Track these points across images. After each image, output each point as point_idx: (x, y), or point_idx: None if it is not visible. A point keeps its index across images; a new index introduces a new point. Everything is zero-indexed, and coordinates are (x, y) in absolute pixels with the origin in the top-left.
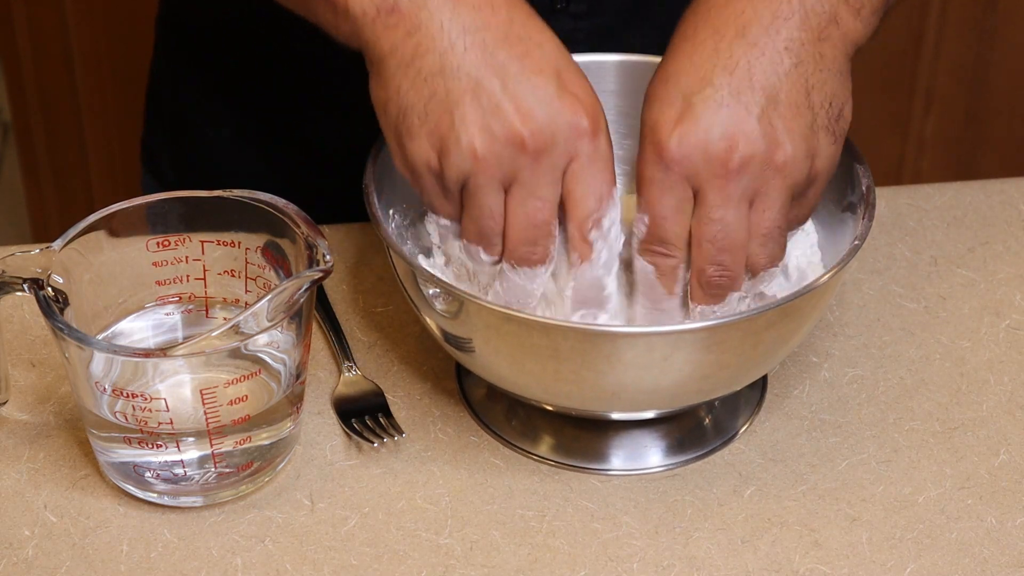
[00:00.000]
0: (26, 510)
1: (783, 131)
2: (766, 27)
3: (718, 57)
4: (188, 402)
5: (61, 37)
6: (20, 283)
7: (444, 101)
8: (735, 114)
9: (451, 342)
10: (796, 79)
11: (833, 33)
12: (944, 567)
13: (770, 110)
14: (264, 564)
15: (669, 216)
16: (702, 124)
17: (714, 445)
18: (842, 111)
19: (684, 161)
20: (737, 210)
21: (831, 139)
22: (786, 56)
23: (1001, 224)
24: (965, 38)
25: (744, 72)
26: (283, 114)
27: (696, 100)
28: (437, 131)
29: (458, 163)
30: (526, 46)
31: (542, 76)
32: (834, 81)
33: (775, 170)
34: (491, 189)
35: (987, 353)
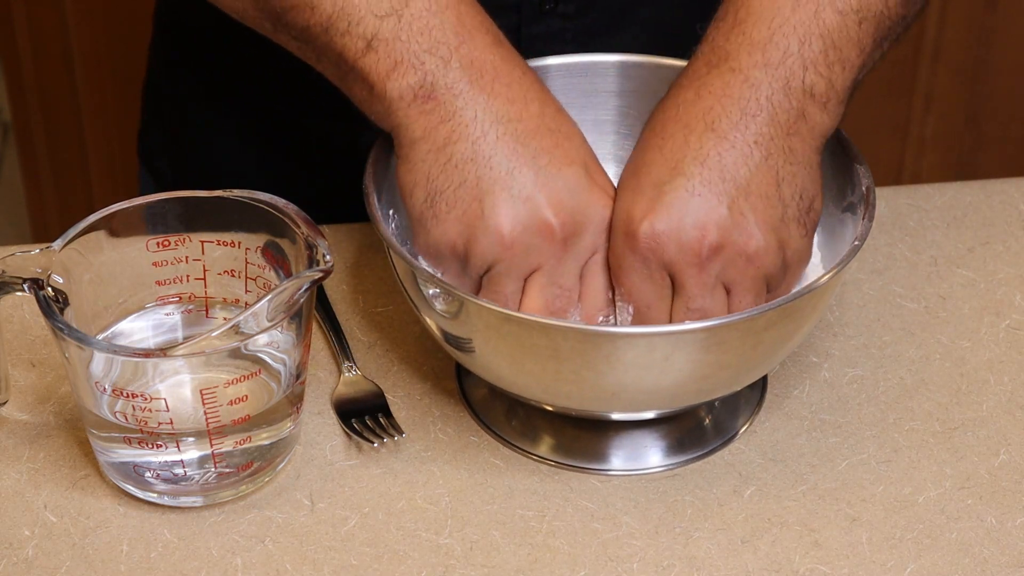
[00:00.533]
0: (26, 510)
1: (754, 222)
2: (735, 123)
3: (688, 149)
4: (188, 402)
5: (61, 37)
6: (20, 283)
7: (475, 188)
8: (707, 203)
9: (451, 342)
10: (767, 172)
11: (802, 128)
12: (944, 567)
13: (741, 201)
14: (264, 564)
15: (654, 305)
16: (674, 213)
17: (714, 445)
18: (812, 203)
19: (659, 250)
20: (713, 297)
21: (802, 231)
22: (756, 150)
23: (1001, 224)
24: (965, 38)
25: (715, 163)
26: (282, 113)
27: (667, 189)
28: (465, 218)
29: (485, 250)
30: (556, 138)
31: (572, 168)
32: (804, 174)
33: (747, 260)
34: (514, 278)
35: (987, 353)
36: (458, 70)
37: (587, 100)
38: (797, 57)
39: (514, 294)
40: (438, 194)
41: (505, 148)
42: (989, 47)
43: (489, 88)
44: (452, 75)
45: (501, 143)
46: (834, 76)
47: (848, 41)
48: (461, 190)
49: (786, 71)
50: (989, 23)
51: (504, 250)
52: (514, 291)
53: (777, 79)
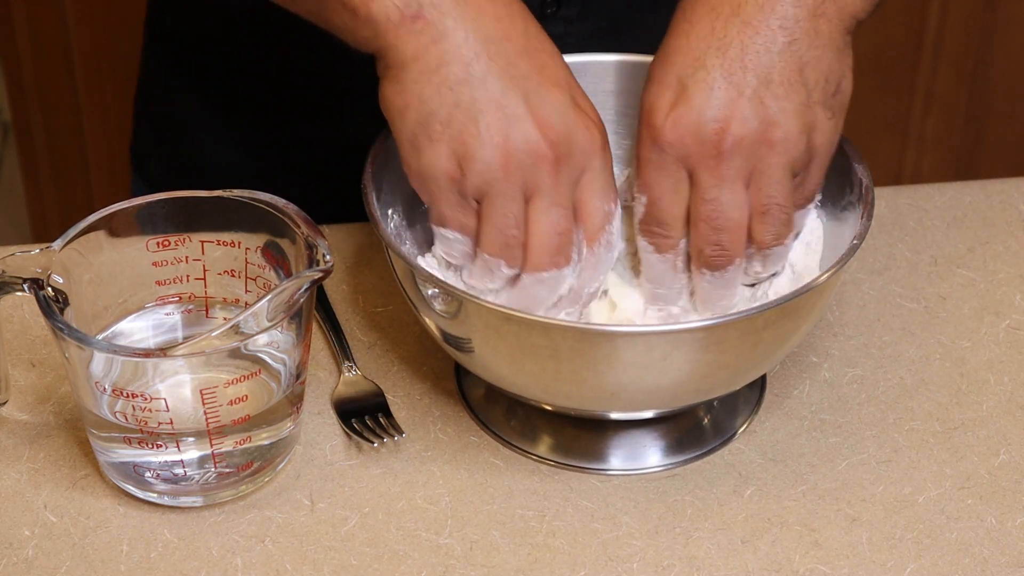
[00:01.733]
0: (26, 510)
1: (776, 110)
2: (760, 5)
3: (713, 37)
4: (188, 402)
5: (61, 37)
6: (20, 283)
7: (469, 109)
8: (727, 95)
9: (450, 342)
10: (790, 57)
11: (829, 9)
12: (944, 567)
13: (762, 90)
14: (264, 564)
15: (664, 197)
16: (694, 106)
17: (713, 445)
18: (839, 85)
19: (677, 144)
20: (731, 190)
21: (828, 113)
22: (780, 34)
23: (1001, 224)
24: (965, 38)
25: (737, 53)
26: (276, 116)
27: (689, 82)
28: (460, 138)
29: (482, 170)
30: (541, 57)
31: (558, 89)
32: (830, 56)
33: (769, 147)
34: (513, 197)
35: (987, 353)
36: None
37: None
38: None
39: (519, 216)
40: (431, 115)
41: (497, 69)
42: (989, 46)
43: (476, 4)
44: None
45: (493, 64)
46: None
47: None
48: (456, 111)
49: None
50: (989, 22)
51: (501, 169)
52: (518, 213)
53: None
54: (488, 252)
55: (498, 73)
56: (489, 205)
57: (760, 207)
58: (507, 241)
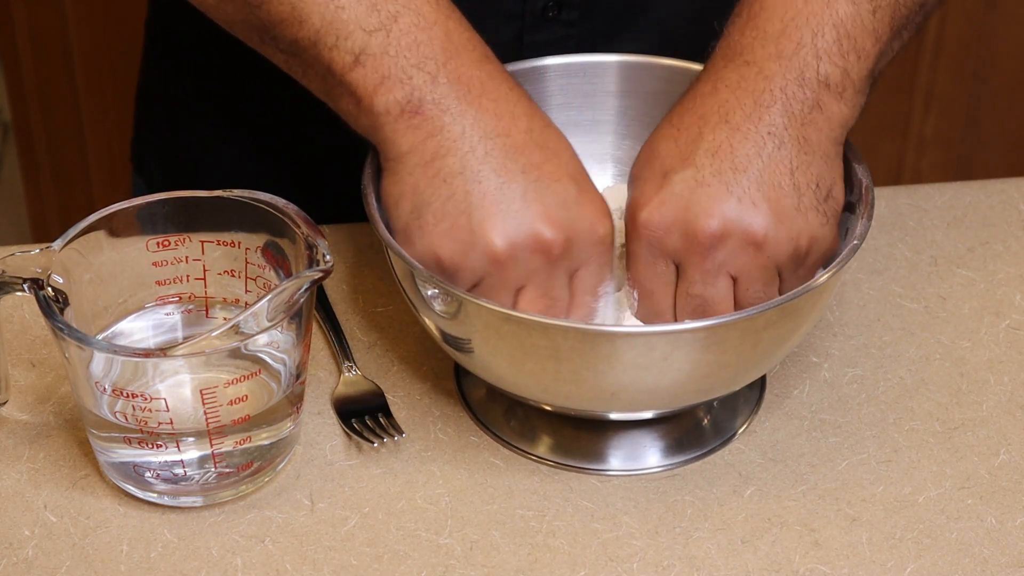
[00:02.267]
0: (26, 510)
1: (764, 211)
2: (748, 114)
3: (702, 141)
4: (188, 402)
5: (61, 37)
6: (20, 283)
7: (463, 202)
8: (715, 193)
9: (450, 343)
10: (779, 161)
11: (817, 118)
12: (944, 567)
13: (752, 190)
14: (264, 564)
15: (656, 290)
16: (681, 201)
17: (713, 445)
18: (830, 192)
19: (664, 238)
20: (715, 285)
21: (821, 219)
22: (768, 140)
23: (1001, 224)
24: (965, 37)
25: (727, 154)
26: (276, 117)
27: (676, 179)
28: (453, 232)
29: (475, 265)
30: (545, 154)
31: (561, 183)
32: (819, 163)
33: (756, 249)
34: (505, 291)
35: (987, 353)
36: (445, 85)
37: (586, 100)
38: (810, 48)
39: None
40: (425, 206)
41: (494, 162)
42: (989, 46)
43: (477, 103)
44: (440, 90)
45: (490, 158)
46: (849, 65)
47: (862, 30)
48: (449, 203)
49: (800, 62)
50: (989, 23)
51: (494, 264)
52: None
53: (791, 70)
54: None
55: (494, 167)
56: (477, 292)
57: (743, 296)
58: None
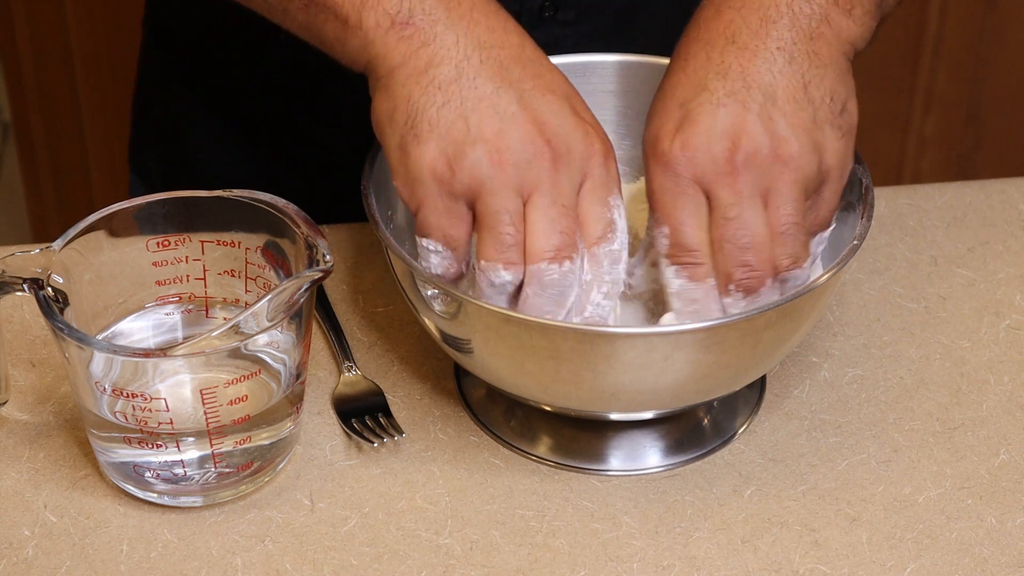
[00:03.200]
0: (26, 510)
1: (785, 125)
2: (755, 31)
3: (711, 65)
4: (188, 402)
5: (61, 37)
6: (20, 283)
7: (459, 107)
8: (734, 112)
9: (450, 343)
10: (791, 75)
11: (825, 32)
12: (944, 567)
13: (769, 106)
14: (264, 564)
15: (687, 221)
16: (702, 126)
17: (713, 445)
18: (845, 105)
19: (690, 164)
20: (751, 206)
21: (837, 133)
22: (778, 55)
23: (1001, 224)
24: (965, 38)
25: (738, 74)
26: (275, 117)
27: (692, 106)
28: (449, 135)
29: (472, 168)
30: (538, 68)
31: (555, 96)
32: (832, 76)
33: (782, 164)
34: (508, 195)
35: (987, 353)
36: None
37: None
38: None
39: (515, 214)
40: (419, 114)
41: (488, 70)
42: (989, 46)
43: (468, 15)
44: (429, 1)
45: (485, 66)
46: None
47: None
48: (445, 109)
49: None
50: (989, 23)
51: (494, 166)
52: (513, 210)
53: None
54: (484, 258)
55: (490, 74)
56: (482, 205)
57: (777, 228)
58: (503, 240)
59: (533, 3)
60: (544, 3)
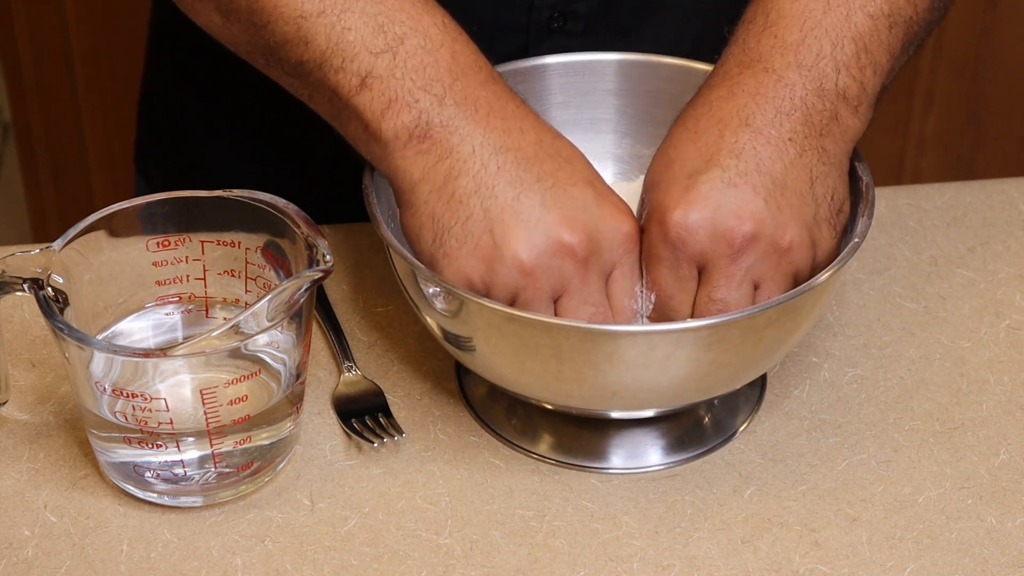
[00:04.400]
0: (26, 510)
1: (790, 216)
2: (770, 120)
3: (723, 142)
4: (188, 402)
5: (61, 37)
6: (20, 283)
7: (483, 220)
8: (743, 194)
9: (452, 341)
10: (801, 169)
11: (834, 129)
12: (944, 567)
13: (777, 195)
14: (264, 564)
15: (676, 297)
16: (710, 202)
17: (713, 444)
18: (842, 206)
19: (690, 239)
20: (740, 291)
21: (832, 233)
22: (790, 147)
23: (1001, 224)
24: (965, 38)
25: (751, 156)
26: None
27: (703, 179)
28: (478, 252)
29: (507, 281)
30: (557, 162)
31: (578, 187)
32: (835, 175)
33: (780, 255)
34: (541, 302)
35: (987, 353)
36: (452, 107)
37: (585, 99)
38: (830, 59)
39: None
40: (446, 232)
41: (507, 176)
42: (989, 47)
43: (484, 122)
44: (447, 112)
45: (503, 172)
46: (866, 79)
47: (879, 45)
48: (469, 223)
49: (819, 73)
50: (989, 23)
51: (525, 276)
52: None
53: (811, 80)
54: None
55: (509, 180)
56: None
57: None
58: None
59: (541, 15)
60: (552, 15)
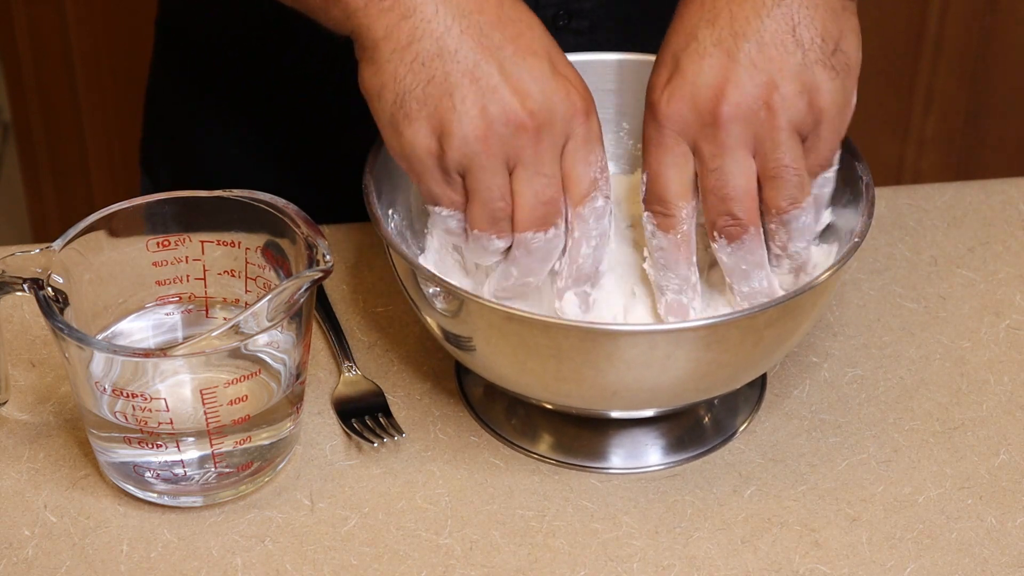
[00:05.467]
0: (26, 510)
1: (771, 71)
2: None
3: (703, 12)
4: (188, 402)
5: (61, 37)
6: (20, 283)
7: (443, 84)
8: (718, 62)
9: (451, 341)
10: (780, 19)
11: None
12: (944, 567)
13: (755, 53)
14: (264, 564)
15: (663, 172)
16: (688, 78)
17: (713, 443)
18: (839, 45)
19: (674, 117)
20: (734, 158)
21: (830, 73)
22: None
23: (1001, 224)
24: (965, 38)
25: (726, 21)
26: (282, 116)
27: (682, 56)
28: (437, 114)
29: (460, 145)
30: (518, 28)
31: (536, 58)
32: (824, 16)
33: (768, 111)
34: (495, 169)
35: (987, 353)
36: None
37: None
38: None
39: (502, 188)
40: (407, 93)
41: (470, 41)
42: (989, 46)
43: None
44: None
45: (465, 36)
46: None
47: None
48: (430, 87)
49: None
50: (989, 23)
51: (479, 142)
52: (501, 184)
53: None
54: (477, 228)
55: (471, 45)
56: (472, 179)
57: (769, 172)
58: (492, 214)
59: (546, 12)
60: (558, 12)
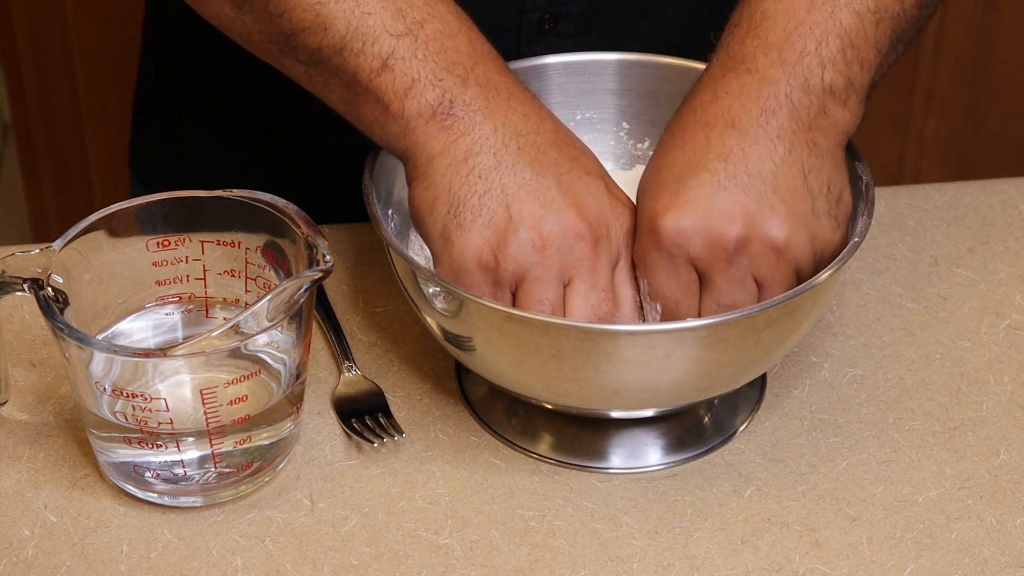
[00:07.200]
0: (26, 510)
1: (783, 215)
2: (756, 119)
3: (710, 146)
4: (188, 402)
5: (61, 37)
6: (20, 283)
7: (500, 195)
8: (733, 196)
9: (452, 341)
10: (792, 164)
11: (823, 123)
12: (944, 567)
13: (769, 194)
14: (264, 564)
15: (681, 301)
16: (700, 207)
17: (713, 443)
18: (841, 196)
19: (684, 244)
20: (744, 291)
21: (833, 224)
22: (779, 144)
23: (1001, 224)
24: (965, 38)
25: (739, 158)
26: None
27: (691, 184)
28: (493, 224)
29: (517, 255)
30: (572, 151)
31: (591, 176)
32: (829, 167)
33: (778, 255)
34: (551, 282)
35: (987, 353)
36: (475, 88)
37: (585, 99)
38: (815, 56)
39: (555, 302)
40: (461, 203)
41: (527, 156)
42: (989, 47)
43: (506, 105)
44: (470, 92)
45: (523, 152)
46: (853, 74)
47: (865, 41)
48: (486, 197)
49: (804, 69)
50: (989, 23)
51: (537, 253)
52: (555, 298)
53: (795, 77)
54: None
55: (528, 160)
56: (525, 292)
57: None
58: None
59: (532, 16)
60: (544, 16)
